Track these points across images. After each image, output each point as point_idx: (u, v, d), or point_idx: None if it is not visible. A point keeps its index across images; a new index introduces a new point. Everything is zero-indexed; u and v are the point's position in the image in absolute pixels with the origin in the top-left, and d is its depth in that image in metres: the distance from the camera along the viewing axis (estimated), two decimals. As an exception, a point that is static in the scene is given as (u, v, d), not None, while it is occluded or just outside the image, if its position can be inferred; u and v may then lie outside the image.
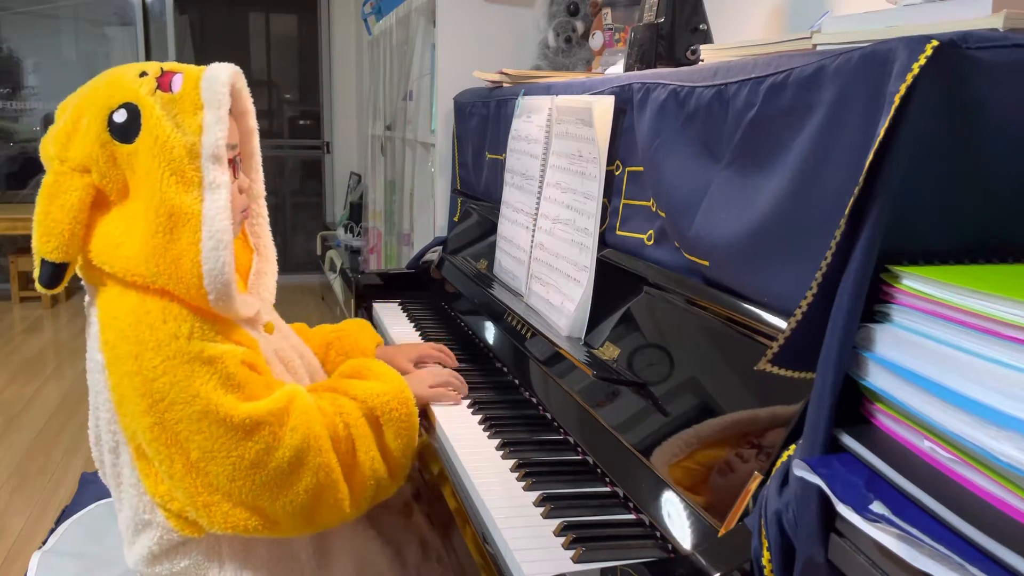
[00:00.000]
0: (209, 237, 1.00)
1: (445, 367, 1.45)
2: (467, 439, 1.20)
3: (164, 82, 1.04)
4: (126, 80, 1.05)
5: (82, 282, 1.11)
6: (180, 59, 5.06)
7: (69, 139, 1.05)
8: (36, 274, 1.05)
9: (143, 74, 1.06)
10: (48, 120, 5.54)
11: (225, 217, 1.01)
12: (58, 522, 1.42)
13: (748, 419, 0.85)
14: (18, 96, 5.46)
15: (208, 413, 0.99)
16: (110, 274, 1.04)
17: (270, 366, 1.14)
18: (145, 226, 1.01)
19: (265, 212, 1.27)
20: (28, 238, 1.08)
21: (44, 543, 1.36)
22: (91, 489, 1.52)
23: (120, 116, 1.02)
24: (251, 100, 1.17)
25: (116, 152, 1.03)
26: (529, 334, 1.41)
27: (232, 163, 1.10)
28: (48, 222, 1.03)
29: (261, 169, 1.25)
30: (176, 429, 1.00)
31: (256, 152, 1.22)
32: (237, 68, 1.10)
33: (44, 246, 1.03)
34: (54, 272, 1.04)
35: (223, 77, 1.05)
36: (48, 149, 1.06)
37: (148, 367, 1.00)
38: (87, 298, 1.12)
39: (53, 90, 5.52)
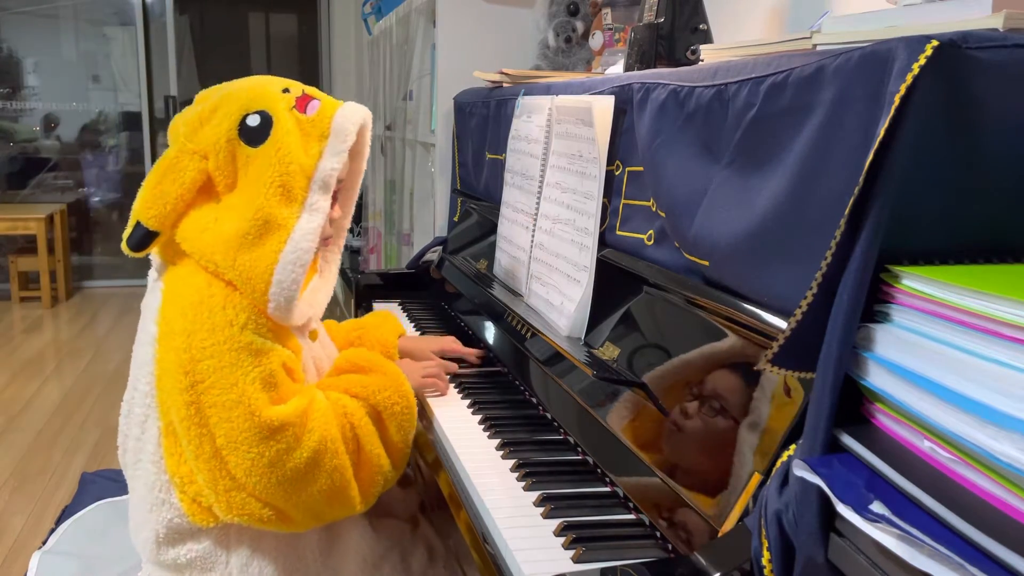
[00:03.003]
0: (292, 251, 1.05)
1: (462, 362, 1.50)
2: (467, 439, 1.20)
3: (302, 103, 1.11)
4: (269, 90, 1.12)
5: (149, 256, 1.15)
6: (180, 59, 5.00)
7: (201, 125, 1.11)
8: (127, 234, 1.09)
9: (286, 90, 1.13)
10: (48, 120, 5.55)
11: (313, 239, 1.07)
12: (58, 522, 1.42)
13: (748, 419, 0.85)
14: (18, 96, 5.46)
15: (240, 404, 1.01)
16: (187, 254, 1.09)
17: (305, 373, 1.17)
18: (238, 222, 1.06)
19: (342, 243, 1.33)
20: (28, 238, 1.11)
21: (44, 543, 1.36)
22: (91, 489, 1.52)
23: (253, 120, 1.08)
24: (369, 145, 1.23)
25: (237, 151, 1.08)
26: (529, 334, 1.41)
27: (334, 195, 1.15)
28: (157, 191, 1.08)
29: (353, 208, 1.31)
30: (208, 413, 1.03)
31: (356, 191, 1.28)
32: (369, 112, 1.18)
33: (146, 211, 1.08)
34: (144, 237, 1.09)
35: (356, 117, 1.13)
36: (178, 128, 1.12)
37: (198, 347, 1.03)
38: (153, 273, 1.16)
39: (53, 90, 5.52)
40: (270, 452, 1.02)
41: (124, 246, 1.10)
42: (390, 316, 1.57)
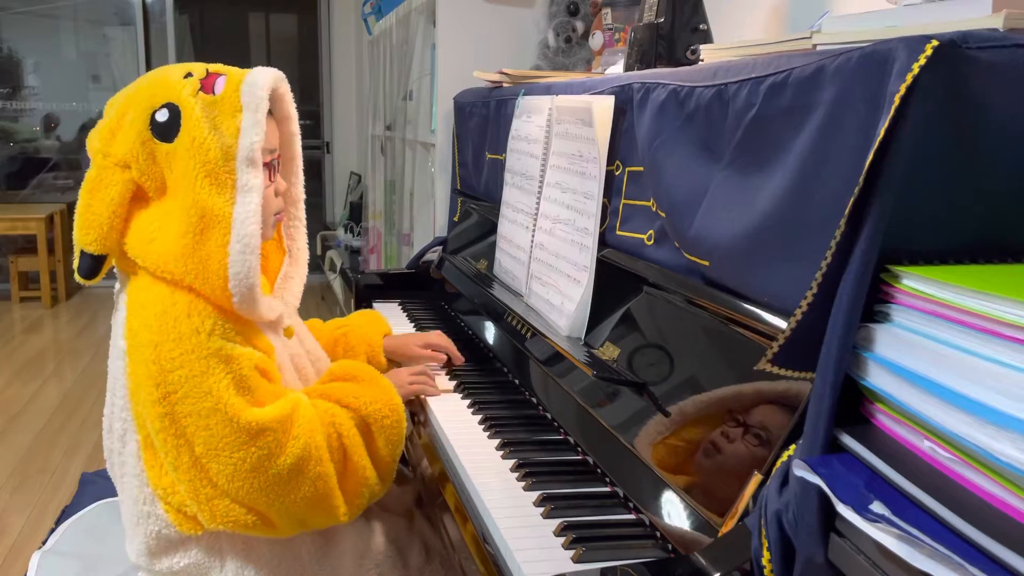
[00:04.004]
0: (237, 240, 1.02)
1: (448, 359, 1.49)
2: (467, 439, 1.20)
3: (207, 84, 1.06)
4: (171, 80, 1.07)
5: (114, 269, 1.13)
6: (180, 59, 5.02)
7: (113, 135, 1.07)
8: (76, 264, 1.08)
9: (188, 75, 1.08)
10: (48, 120, 5.55)
11: (254, 221, 1.03)
12: (58, 522, 1.42)
13: (748, 419, 0.85)
14: (18, 96, 5.46)
15: (217, 411, 1.00)
16: (142, 266, 1.06)
17: (282, 372, 1.15)
18: (178, 225, 1.03)
19: (303, 216, 1.29)
20: (28, 238, 1.10)
21: (44, 543, 1.36)
22: (91, 489, 1.52)
23: (162, 115, 1.05)
24: (294, 105, 1.18)
25: (156, 150, 1.05)
26: (529, 334, 1.41)
27: (269, 166, 1.11)
28: (88, 215, 1.06)
29: (302, 173, 1.26)
30: (185, 423, 1.01)
31: (297, 156, 1.23)
32: (279, 73, 1.12)
33: (84, 238, 1.06)
34: (93, 264, 1.07)
35: (263, 81, 1.07)
36: (93, 143, 1.09)
37: (166, 358, 1.01)
38: (117, 285, 1.14)
39: (53, 90, 5.52)
40: (252, 457, 1.01)
41: (76, 276, 1.08)
42: (376, 315, 1.55)
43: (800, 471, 0.66)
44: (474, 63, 2.23)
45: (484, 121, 1.96)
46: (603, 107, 1.27)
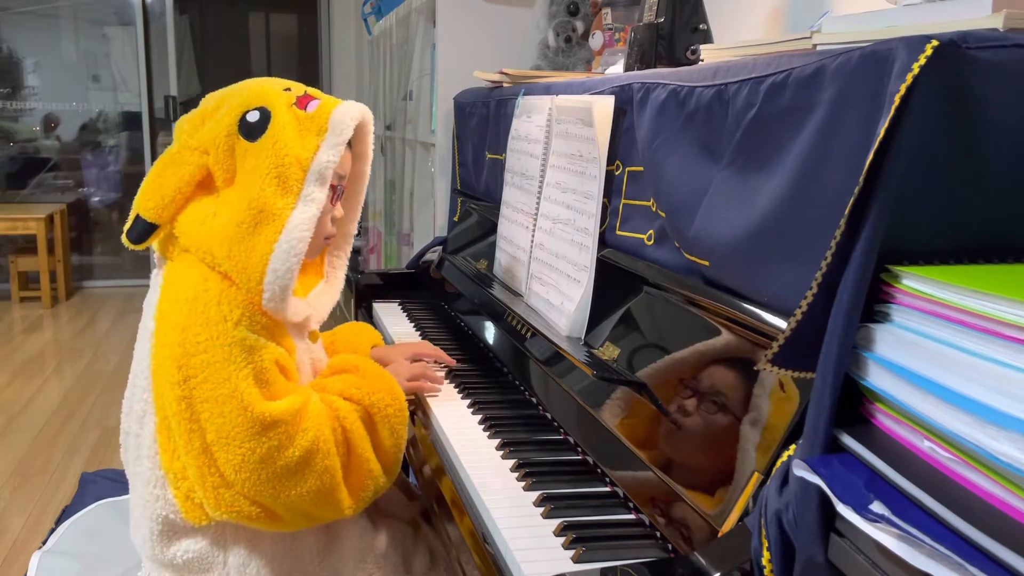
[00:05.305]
0: (286, 240, 1.06)
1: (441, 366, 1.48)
2: (467, 439, 1.20)
3: (302, 101, 1.13)
4: (270, 89, 1.14)
5: (153, 256, 1.18)
6: (180, 59, 5.01)
7: (203, 122, 1.14)
8: (127, 227, 1.12)
9: (287, 89, 1.15)
10: (48, 120, 5.55)
11: (308, 229, 1.07)
12: (58, 522, 1.42)
13: (748, 419, 0.85)
14: (18, 96, 5.46)
15: (233, 398, 1.02)
16: (184, 248, 1.10)
17: (300, 373, 1.17)
18: (234, 214, 1.07)
19: (348, 251, 1.34)
20: (28, 238, 1.11)
21: (44, 543, 1.36)
22: (91, 489, 1.52)
23: (253, 116, 1.10)
24: (372, 148, 1.25)
25: (236, 145, 1.10)
26: (529, 334, 1.41)
27: (334, 191, 1.16)
28: (157, 183, 1.11)
29: (360, 213, 1.32)
30: (200, 408, 1.03)
31: (361, 196, 1.30)
32: (368, 111, 1.19)
33: (145, 203, 1.10)
34: (144, 229, 1.11)
35: (353, 112, 1.14)
36: (182, 125, 1.16)
37: (192, 341, 1.04)
38: (154, 269, 1.18)
39: (53, 90, 5.52)
40: (262, 448, 1.02)
41: (124, 238, 1.12)
42: (365, 327, 1.55)
43: (800, 471, 0.66)
44: (474, 63, 2.23)
45: (484, 121, 1.96)
46: (603, 107, 1.28)
